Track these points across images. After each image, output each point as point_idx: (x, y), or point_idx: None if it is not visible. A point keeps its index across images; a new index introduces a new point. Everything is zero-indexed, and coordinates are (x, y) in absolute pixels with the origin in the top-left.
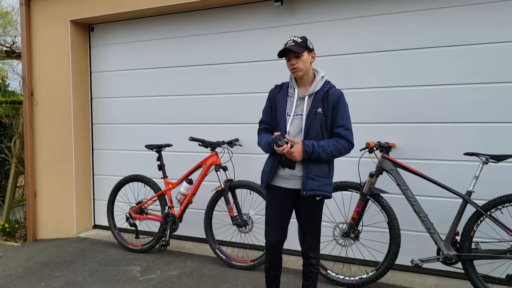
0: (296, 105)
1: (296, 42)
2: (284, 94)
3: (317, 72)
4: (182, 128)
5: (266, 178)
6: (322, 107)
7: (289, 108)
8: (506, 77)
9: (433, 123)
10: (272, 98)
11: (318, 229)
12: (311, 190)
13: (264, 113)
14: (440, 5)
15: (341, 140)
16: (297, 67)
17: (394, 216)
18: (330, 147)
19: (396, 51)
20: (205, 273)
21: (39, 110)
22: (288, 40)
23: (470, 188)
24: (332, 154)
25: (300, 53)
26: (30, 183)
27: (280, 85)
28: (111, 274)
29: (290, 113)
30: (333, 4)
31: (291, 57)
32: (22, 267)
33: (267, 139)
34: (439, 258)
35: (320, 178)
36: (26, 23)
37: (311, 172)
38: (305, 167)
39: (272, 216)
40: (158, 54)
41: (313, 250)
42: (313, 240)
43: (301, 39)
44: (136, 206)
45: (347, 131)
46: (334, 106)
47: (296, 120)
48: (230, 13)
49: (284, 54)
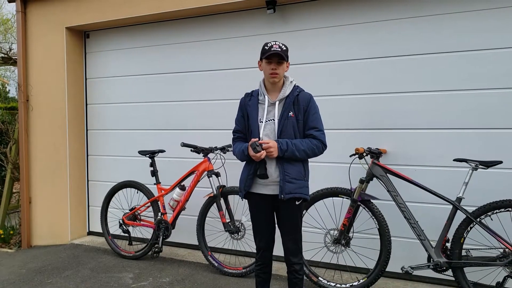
0: (268, 111)
1: (282, 49)
2: (255, 102)
3: (286, 78)
4: (175, 134)
5: (244, 186)
6: (293, 111)
7: (261, 114)
8: (497, 84)
9: (423, 129)
10: (243, 107)
11: (299, 233)
12: (289, 193)
13: (236, 122)
14: (431, 13)
15: (314, 140)
16: (277, 73)
17: (385, 222)
18: (304, 145)
19: (387, 58)
20: (197, 280)
21: (35, 116)
22: (273, 44)
23: (460, 194)
24: (305, 152)
25: (283, 61)
26: (25, 189)
27: (250, 93)
28: (103, 281)
29: (262, 119)
30: (325, 11)
31: (274, 62)
32: (14, 273)
33: (242, 147)
34: (430, 265)
35: (296, 180)
36: (22, 30)
37: (288, 175)
38: (281, 170)
39: (257, 222)
40: (152, 60)
41: (295, 256)
42: (294, 245)
43: (285, 47)
44: (129, 213)
45: (319, 132)
46: (305, 109)
47: (269, 126)
48: (223, 20)
49: (268, 56)
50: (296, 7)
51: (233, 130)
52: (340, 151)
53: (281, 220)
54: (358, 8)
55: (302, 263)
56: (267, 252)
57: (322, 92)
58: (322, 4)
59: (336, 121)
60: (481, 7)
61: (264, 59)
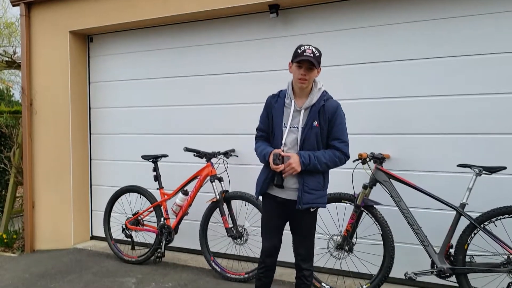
0: (293, 117)
1: (315, 55)
2: (281, 104)
3: (315, 84)
4: (178, 139)
5: (260, 189)
6: (318, 120)
7: (285, 119)
8: (500, 88)
9: (427, 134)
10: (269, 107)
11: (312, 240)
12: (306, 203)
13: (261, 120)
14: (436, 17)
15: (337, 152)
16: (306, 80)
17: (388, 228)
18: (326, 158)
19: (390, 62)
20: (200, 285)
21: (38, 120)
22: (307, 48)
23: (464, 200)
24: (327, 165)
25: (314, 68)
26: (29, 193)
27: (277, 94)
28: (106, 285)
29: (287, 125)
30: (328, 15)
31: (304, 67)
32: (18, 278)
33: (263, 151)
34: (433, 271)
35: (315, 191)
36: (26, 34)
37: (307, 186)
38: (300, 180)
39: (267, 222)
40: (155, 64)
41: (306, 262)
42: (307, 252)
43: (319, 53)
44: (132, 217)
45: (343, 143)
46: (330, 119)
47: (292, 133)
48: (226, 24)
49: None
50: (299, 11)
51: (257, 127)
52: None
53: (295, 227)
54: (361, 12)
55: (312, 270)
56: (272, 255)
57: None
58: (325, 8)
59: None
60: (493, 10)
61: (295, 63)
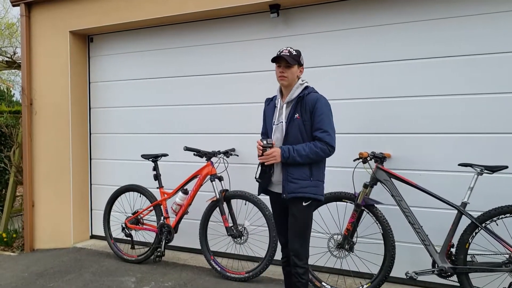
0: (279, 113)
1: (291, 54)
2: (272, 105)
3: (297, 80)
4: (178, 138)
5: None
6: (300, 112)
7: (274, 117)
8: (501, 88)
9: (428, 133)
10: (264, 111)
11: (306, 237)
12: (290, 192)
13: (262, 125)
14: (435, 16)
15: (319, 143)
16: (285, 76)
17: (389, 227)
18: (306, 150)
19: (391, 62)
20: (200, 284)
21: (38, 120)
22: (284, 49)
23: (465, 199)
24: (308, 157)
25: (292, 65)
26: (28, 192)
27: (271, 98)
28: (105, 284)
29: (275, 121)
30: (328, 16)
31: (282, 66)
32: (17, 277)
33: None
34: (434, 270)
35: (299, 180)
36: (26, 34)
37: (290, 175)
38: (284, 171)
39: (275, 219)
40: (155, 64)
41: (300, 259)
42: (300, 248)
43: (296, 52)
44: (132, 216)
45: (325, 133)
46: (311, 110)
47: (279, 128)
48: (227, 24)
49: (276, 61)
50: (299, 11)
51: (261, 132)
52: (343, 156)
53: (289, 221)
54: (361, 12)
55: (306, 268)
56: (286, 246)
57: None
58: (325, 8)
59: (340, 125)
60: (491, 10)
61: (275, 63)
